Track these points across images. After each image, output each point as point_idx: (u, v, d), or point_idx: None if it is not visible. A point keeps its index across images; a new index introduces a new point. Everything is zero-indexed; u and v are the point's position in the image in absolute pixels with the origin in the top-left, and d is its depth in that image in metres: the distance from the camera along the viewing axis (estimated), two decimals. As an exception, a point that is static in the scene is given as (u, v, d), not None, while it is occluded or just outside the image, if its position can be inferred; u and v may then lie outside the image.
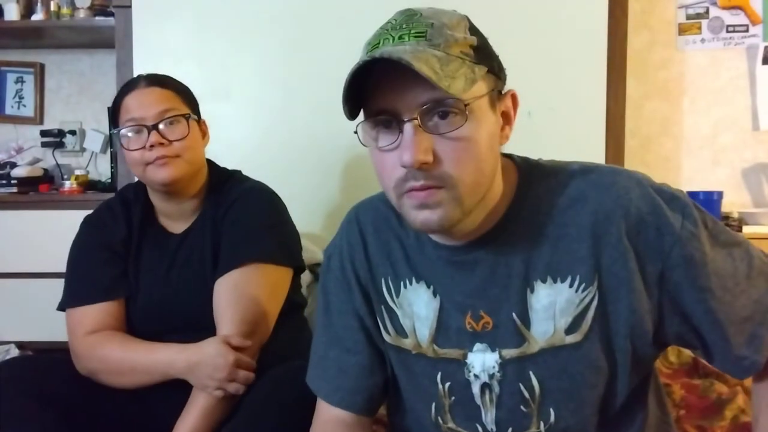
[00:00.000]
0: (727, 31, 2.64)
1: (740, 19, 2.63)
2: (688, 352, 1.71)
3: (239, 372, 1.25)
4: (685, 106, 2.69)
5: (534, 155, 0.96)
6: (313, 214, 2.07)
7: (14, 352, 2.33)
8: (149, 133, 1.33)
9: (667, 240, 0.82)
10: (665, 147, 2.70)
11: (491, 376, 0.90)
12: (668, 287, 0.83)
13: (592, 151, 2.07)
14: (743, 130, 2.66)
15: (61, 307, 1.42)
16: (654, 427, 0.96)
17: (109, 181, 2.68)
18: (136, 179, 1.47)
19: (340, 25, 2.09)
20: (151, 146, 1.33)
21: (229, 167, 1.54)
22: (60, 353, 1.38)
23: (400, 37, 0.79)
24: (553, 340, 0.87)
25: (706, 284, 0.83)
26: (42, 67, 2.87)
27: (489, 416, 0.91)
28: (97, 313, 1.37)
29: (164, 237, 1.45)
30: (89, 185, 2.67)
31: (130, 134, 1.35)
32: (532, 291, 0.87)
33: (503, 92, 0.86)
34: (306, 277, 1.84)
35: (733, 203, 2.59)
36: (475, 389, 0.91)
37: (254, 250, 1.35)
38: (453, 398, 0.94)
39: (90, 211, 1.49)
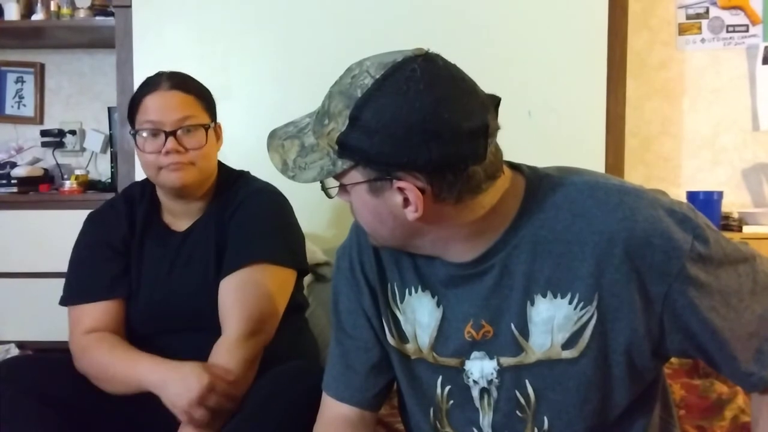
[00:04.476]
0: (727, 31, 2.64)
1: (740, 19, 2.63)
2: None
3: (211, 397, 1.18)
4: (685, 106, 2.69)
5: (534, 155, 0.96)
6: (313, 214, 2.07)
7: (14, 351, 2.33)
8: (166, 138, 1.33)
9: (674, 263, 0.81)
10: (665, 147, 2.70)
11: (490, 382, 0.91)
12: (672, 307, 0.83)
13: (593, 151, 2.07)
14: (743, 130, 2.66)
15: (62, 303, 1.42)
16: (657, 427, 0.96)
17: (109, 181, 2.68)
18: (142, 177, 1.47)
19: (339, 25, 2.09)
20: (167, 152, 1.33)
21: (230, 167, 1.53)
22: (60, 353, 1.38)
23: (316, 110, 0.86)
24: (550, 354, 0.87)
25: (710, 304, 0.82)
26: (42, 67, 2.87)
27: (486, 420, 0.92)
28: (95, 311, 1.37)
29: (167, 234, 1.45)
30: (89, 185, 2.67)
31: (146, 135, 1.35)
32: (533, 304, 0.87)
33: (394, 181, 0.80)
34: (306, 277, 1.83)
35: (733, 203, 2.58)
36: (475, 393, 0.92)
37: (260, 250, 1.35)
38: (451, 402, 0.95)
39: (91, 211, 1.49)
